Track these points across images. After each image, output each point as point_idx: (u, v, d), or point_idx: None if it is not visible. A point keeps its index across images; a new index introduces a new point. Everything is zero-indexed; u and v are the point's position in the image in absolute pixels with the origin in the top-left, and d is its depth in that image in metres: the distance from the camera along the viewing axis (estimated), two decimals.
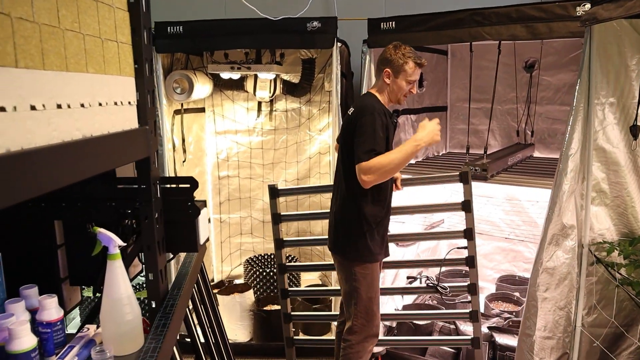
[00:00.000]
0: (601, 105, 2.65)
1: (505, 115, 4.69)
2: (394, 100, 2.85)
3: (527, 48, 4.50)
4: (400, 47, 2.79)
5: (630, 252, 2.51)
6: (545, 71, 4.51)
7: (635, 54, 2.64)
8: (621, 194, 2.70)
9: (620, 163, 2.67)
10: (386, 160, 2.55)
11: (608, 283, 2.73)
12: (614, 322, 2.72)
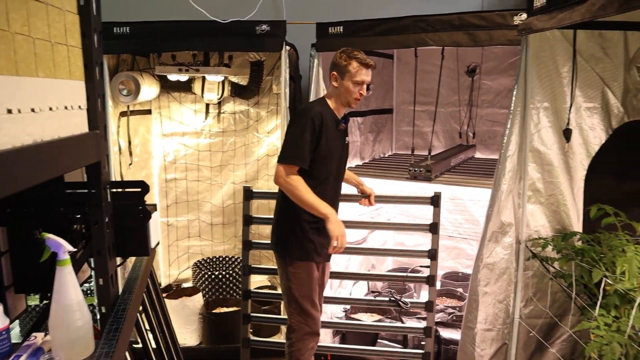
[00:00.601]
0: (536, 110, 2.81)
1: (449, 118, 4.87)
2: (344, 104, 2.86)
3: (469, 53, 4.69)
4: (346, 50, 2.81)
5: (563, 246, 2.68)
6: (486, 76, 4.71)
7: (566, 61, 2.81)
8: (554, 193, 2.88)
9: (554, 164, 2.85)
10: (300, 191, 2.68)
11: (543, 276, 2.90)
12: (548, 313, 2.89)
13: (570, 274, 2.59)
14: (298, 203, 2.72)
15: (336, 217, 2.73)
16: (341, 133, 2.91)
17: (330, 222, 2.69)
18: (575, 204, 2.92)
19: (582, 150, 2.89)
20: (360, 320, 3.98)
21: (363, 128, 4.47)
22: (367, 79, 2.80)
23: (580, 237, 2.76)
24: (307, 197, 2.69)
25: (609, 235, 2.63)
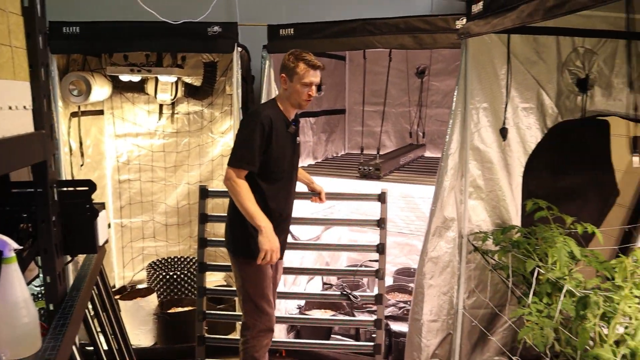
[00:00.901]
0: (476, 110, 2.96)
1: (399, 118, 5.01)
2: (294, 105, 2.89)
3: (418, 55, 4.84)
4: (294, 52, 2.85)
5: (501, 239, 2.83)
6: (435, 77, 4.88)
7: (503, 64, 2.96)
8: (494, 189, 3.04)
9: (493, 161, 3.00)
10: (242, 197, 2.73)
11: (484, 269, 3.05)
12: (489, 304, 3.04)
13: (508, 265, 2.74)
14: (239, 208, 2.78)
15: (270, 231, 2.76)
16: (292, 134, 2.96)
17: (263, 234, 2.73)
18: (513, 199, 3.08)
19: (519, 148, 3.05)
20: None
21: (316, 128, 4.56)
22: (315, 80, 2.83)
23: (518, 230, 2.92)
24: (247, 205, 2.74)
25: (543, 228, 2.79)
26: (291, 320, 3.91)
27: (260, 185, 2.84)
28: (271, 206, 2.89)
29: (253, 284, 2.95)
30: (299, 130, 3.09)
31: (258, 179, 2.83)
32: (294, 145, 3.00)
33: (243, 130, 2.82)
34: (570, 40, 3.08)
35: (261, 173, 2.82)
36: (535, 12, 2.19)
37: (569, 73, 3.09)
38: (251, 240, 2.84)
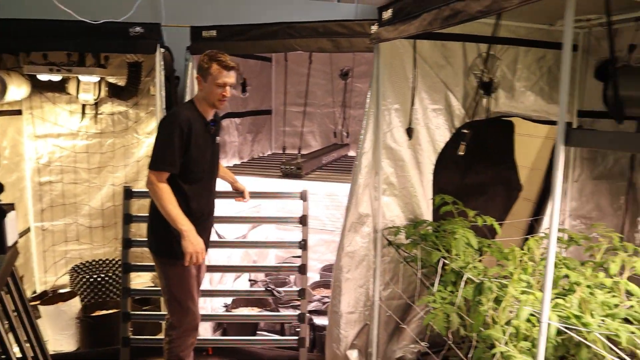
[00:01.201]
0: (388, 111, 3.12)
1: (324, 119, 5.15)
2: (210, 105, 2.92)
3: (342, 58, 4.99)
4: (208, 53, 2.88)
5: (412, 233, 3.00)
6: (358, 79, 5.05)
7: (413, 67, 3.14)
8: (407, 186, 3.21)
9: (405, 159, 3.17)
10: (164, 201, 2.75)
11: (398, 262, 3.22)
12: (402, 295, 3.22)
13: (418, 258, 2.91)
14: (161, 211, 2.79)
15: (193, 234, 2.79)
16: (211, 135, 2.99)
17: (185, 238, 2.75)
18: (425, 195, 3.27)
19: (429, 147, 3.24)
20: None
21: (241, 128, 4.62)
22: (229, 80, 2.86)
23: (428, 224, 3.10)
24: (169, 208, 2.76)
25: (451, 222, 2.99)
26: (216, 317, 3.95)
27: (182, 186, 2.87)
28: (193, 206, 2.92)
29: (177, 284, 2.97)
30: (218, 130, 3.14)
31: (179, 180, 2.85)
32: (213, 146, 3.05)
33: (162, 133, 2.84)
34: (476, 46, 3.30)
35: (181, 174, 2.85)
36: (435, 21, 2.36)
37: (475, 77, 3.31)
38: (174, 241, 2.85)
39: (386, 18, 2.89)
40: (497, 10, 1.95)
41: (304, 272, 3.62)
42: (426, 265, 2.93)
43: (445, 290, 2.68)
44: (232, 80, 2.90)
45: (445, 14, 2.27)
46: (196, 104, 2.95)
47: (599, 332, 2.06)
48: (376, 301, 3.24)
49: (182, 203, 2.84)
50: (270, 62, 5.16)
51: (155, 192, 2.77)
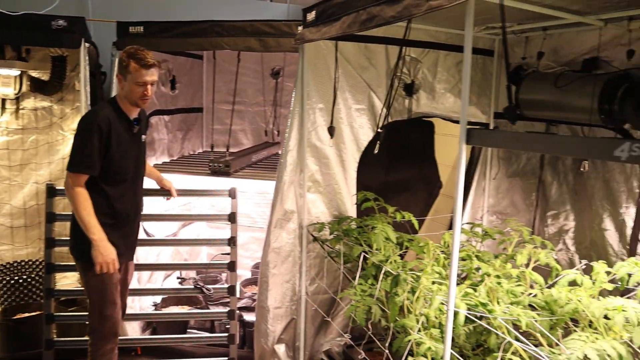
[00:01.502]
0: (312, 110, 3.20)
1: (256, 117, 5.19)
2: (132, 104, 2.81)
3: (273, 57, 5.04)
4: (128, 50, 2.77)
5: (336, 229, 3.10)
6: (289, 78, 5.11)
7: (337, 68, 3.23)
8: (331, 183, 3.31)
9: (330, 157, 3.27)
10: (80, 205, 2.66)
11: (324, 257, 3.31)
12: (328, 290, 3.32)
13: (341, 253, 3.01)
14: (75, 216, 2.71)
15: (103, 243, 2.70)
16: (134, 134, 2.89)
17: (95, 248, 2.67)
18: (349, 192, 3.38)
19: (353, 146, 3.35)
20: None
21: (171, 126, 4.58)
22: (149, 79, 2.75)
23: (352, 220, 3.20)
24: (83, 214, 2.67)
25: (373, 217, 3.10)
26: (145, 317, 3.92)
27: (104, 188, 2.77)
28: (118, 208, 2.84)
29: (99, 290, 2.87)
30: (145, 129, 3.09)
31: (101, 183, 2.75)
32: (138, 145, 2.96)
33: (80, 133, 2.72)
34: (398, 49, 3.43)
35: (104, 176, 2.74)
36: (353, 24, 2.46)
37: (397, 78, 3.45)
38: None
39: (310, 20, 2.97)
40: (407, 16, 2.07)
41: (234, 269, 3.65)
42: (349, 259, 3.03)
43: (366, 283, 2.79)
44: (153, 78, 2.79)
45: (362, 17, 2.37)
46: (118, 102, 2.84)
47: (502, 317, 2.22)
48: (303, 296, 3.32)
49: (105, 205, 2.76)
50: (201, 60, 5.14)
51: (72, 195, 2.68)
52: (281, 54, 4.99)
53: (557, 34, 3.26)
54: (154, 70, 2.78)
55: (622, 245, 2.98)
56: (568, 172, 3.42)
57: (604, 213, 3.11)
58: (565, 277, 2.35)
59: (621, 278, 2.21)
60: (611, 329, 2.11)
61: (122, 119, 2.81)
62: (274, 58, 5.01)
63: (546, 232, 3.58)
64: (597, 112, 2.77)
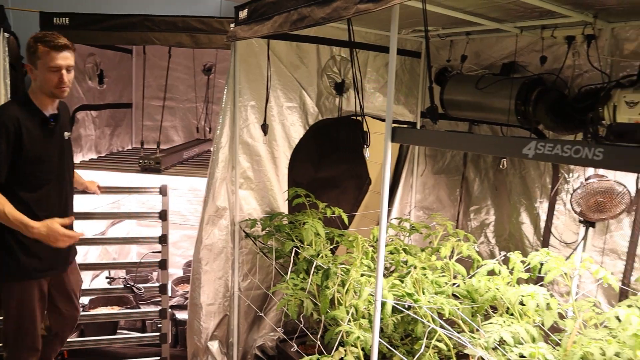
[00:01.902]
0: (244, 107, 3.22)
1: (187, 113, 5.13)
2: (48, 94, 2.52)
3: (205, 53, 4.99)
4: (35, 36, 2.49)
5: (268, 225, 3.14)
6: (221, 75, 5.08)
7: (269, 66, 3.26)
8: (263, 180, 3.34)
9: (261, 154, 3.30)
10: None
11: (256, 253, 3.34)
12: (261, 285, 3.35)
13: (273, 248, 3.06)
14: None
15: (38, 223, 2.44)
16: (54, 130, 2.61)
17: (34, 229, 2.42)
18: (281, 189, 3.43)
19: (285, 143, 3.40)
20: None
21: (98, 122, 4.44)
22: (63, 63, 2.46)
23: (283, 217, 3.25)
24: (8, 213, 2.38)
25: (303, 213, 3.17)
26: None
27: (22, 195, 2.50)
28: (41, 216, 2.52)
29: (17, 308, 2.60)
30: (71, 125, 2.90)
31: (18, 189, 2.48)
32: (60, 142, 2.69)
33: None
34: (329, 49, 3.51)
35: (20, 181, 2.49)
36: (284, 24, 2.50)
37: (328, 77, 3.53)
38: (9, 258, 2.54)
39: (242, 17, 2.98)
40: (337, 18, 2.13)
41: (165, 268, 3.61)
42: (281, 255, 3.08)
43: (298, 278, 2.85)
44: (68, 62, 2.50)
45: (293, 17, 2.42)
46: (31, 96, 2.55)
47: (427, 307, 2.34)
48: (235, 292, 3.34)
49: (26, 214, 2.44)
50: (130, 54, 5.01)
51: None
52: (213, 51, 4.95)
53: (479, 38, 3.44)
54: (68, 54, 2.50)
55: (537, 237, 3.20)
56: (489, 169, 3.62)
57: (521, 207, 3.32)
58: (484, 267, 2.50)
59: (534, 267, 2.38)
60: (525, 314, 2.28)
61: (34, 116, 2.53)
62: (206, 54, 4.96)
63: (469, 226, 3.78)
64: (514, 113, 2.97)
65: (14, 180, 2.48)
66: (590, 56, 2.78)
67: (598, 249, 2.85)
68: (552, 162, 2.90)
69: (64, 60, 2.48)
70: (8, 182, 2.46)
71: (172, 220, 3.96)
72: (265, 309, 3.49)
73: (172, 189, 3.66)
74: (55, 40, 2.46)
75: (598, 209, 2.63)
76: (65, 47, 2.49)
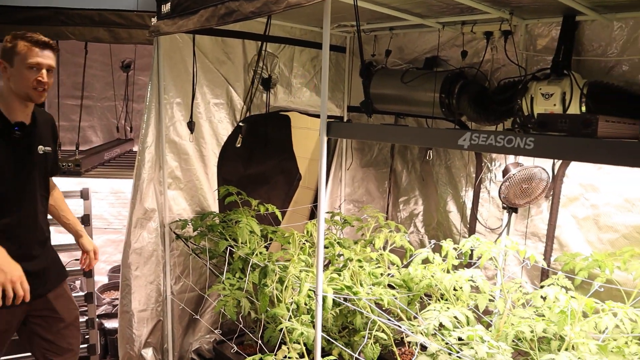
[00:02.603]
0: (170, 105, 3.11)
1: (106, 113, 4.90)
2: (23, 97, 2.27)
3: (123, 49, 4.78)
4: (13, 33, 2.29)
5: (200, 225, 3.06)
6: (141, 71, 4.89)
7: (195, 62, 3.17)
8: (192, 179, 3.25)
9: (189, 153, 3.21)
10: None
11: (188, 254, 3.25)
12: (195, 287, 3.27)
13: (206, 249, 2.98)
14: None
15: (5, 258, 2.12)
16: (21, 140, 2.30)
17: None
18: (210, 188, 3.35)
19: (213, 141, 3.33)
20: None
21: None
22: (44, 61, 2.26)
23: (215, 216, 3.18)
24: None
25: (237, 212, 3.12)
26: None
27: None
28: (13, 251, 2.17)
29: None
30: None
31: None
32: (29, 155, 2.35)
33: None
34: (255, 44, 3.46)
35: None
36: (212, 18, 2.43)
37: (254, 73, 3.48)
38: None
39: (165, 11, 2.87)
40: (267, 13, 2.10)
41: (90, 275, 3.44)
42: (215, 255, 3.01)
43: (234, 278, 2.80)
44: (50, 62, 2.30)
45: (221, 12, 2.36)
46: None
47: (367, 298, 2.38)
48: (168, 296, 3.23)
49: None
50: None
51: None
52: (132, 46, 4.75)
53: (402, 33, 3.52)
54: (50, 53, 2.31)
55: (464, 225, 3.33)
56: (415, 161, 3.72)
57: (448, 196, 3.44)
58: (419, 256, 2.57)
59: (465, 253, 2.48)
60: (459, 298, 2.37)
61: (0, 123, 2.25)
62: (123, 50, 4.75)
63: (399, 216, 3.87)
64: (439, 105, 3.07)
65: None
66: (507, 51, 2.91)
67: (520, 233, 3.01)
68: (486, 152, 3.03)
69: (46, 58, 2.28)
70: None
71: (94, 225, 3.79)
72: (200, 311, 3.40)
73: (93, 192, 3.49)
74: (37, 37, 2.27)
75: (523, 194, 2.78)
76: (48, 45, 2.30)
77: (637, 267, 2.30)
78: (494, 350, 1.81)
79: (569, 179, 2.81)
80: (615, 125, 1.80)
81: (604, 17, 2.54)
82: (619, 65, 2.57)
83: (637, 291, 2.28)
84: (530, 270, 2.93)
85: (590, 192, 2.74)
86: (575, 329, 1.90)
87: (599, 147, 1.42)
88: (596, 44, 2.63)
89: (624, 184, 2.60)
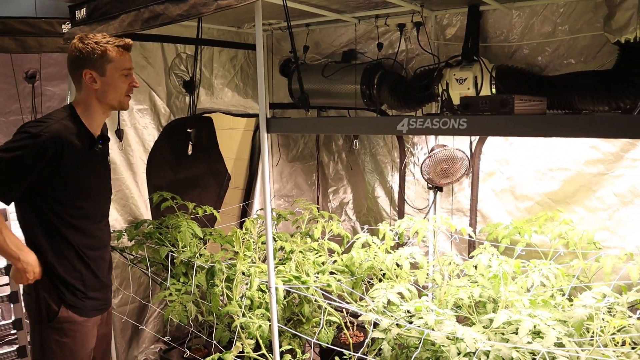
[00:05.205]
0: None
1: (12, 127, 4.60)
2: (115, 106, 2.21)
3: (26, 59, 4.51)
4: (83, 38, 2.16)
5: (135, 234, 3.00)
6: (48, 82, 4.65)
7: None
8: (122, 188, 3.18)
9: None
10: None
11: (125, 265, 3.18)
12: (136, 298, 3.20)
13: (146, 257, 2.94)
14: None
15: (28, 261, 2.05)
16: (98, 154, 2.23)
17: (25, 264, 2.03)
18: (141, 195, 3.29)
19: (140, 147, 3.27)
20: None
21: None
22: (132, 65, 2.24)
23: (149, 223, 3.13)
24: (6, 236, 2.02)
25: (171, 217, 3.09)
26: None
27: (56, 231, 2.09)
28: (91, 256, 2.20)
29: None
30: (108, 148, 2.41)
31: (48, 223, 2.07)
32: (103, 169, 2.32)
33: (7, 144, 1.99)
34: (174, 47, 3.43)
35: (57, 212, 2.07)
36: (135, 22, 2.40)
37: (176, 76, 3.45)
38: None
39: (80, 17, 2.79)
40: (196, 15, 2.12)
41: (17, 301, 3.26)
42: (155, 262, 2.98)
43: (179, 283, 2.79)
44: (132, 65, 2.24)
45: (145, 16, 2.34)
46: (79, 112, 2.15)
47: (316, 286, 2.47)
48: None
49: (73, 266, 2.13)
50: None
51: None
52: (35, 55, 4.50)
53: (318, 29, 3.62)
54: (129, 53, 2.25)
55: (393, 208, 3.51)
56: (341, 151, 3.85)
57: (375, 182, 3.60)
58: (358, 241, 2.69)
59: (401, 233, 2.64)
60: (399, 276, 2.52)
61: (83, 136, 2.13)
62: (26, 60, 4.48)
63: (330, 207, 3.99)
64: (361, 96, 3.21)
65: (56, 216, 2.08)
66: (420, 41, 3.10)
67: (447, 210, 3.22)
68: (424, 134, 3.18)
69: (131, 62, 2.23)
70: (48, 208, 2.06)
71: None
72: (143, 321, 3.34)
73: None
74: (125, 41, 2.18)
75: (444, 174, 2.98)
76: (130, 45, 2.23)
77: (551, 229, 2.58)
78: (442, 317, 1.97)
79: (485, 156, 3.05)
80: (528, 103, 2.00)
81: (504, 6, 2.79)
82: (520, 50, 2.83)
83: (553, 250, 2.55)
84: (458, 244, 3.15)
85: (505, 166, 3.00)
86: (509, 288, 2.10)
87: (520, 123, 1.59)
88: (499, 31, 2.87)
89: (533, 157, 2.88)
